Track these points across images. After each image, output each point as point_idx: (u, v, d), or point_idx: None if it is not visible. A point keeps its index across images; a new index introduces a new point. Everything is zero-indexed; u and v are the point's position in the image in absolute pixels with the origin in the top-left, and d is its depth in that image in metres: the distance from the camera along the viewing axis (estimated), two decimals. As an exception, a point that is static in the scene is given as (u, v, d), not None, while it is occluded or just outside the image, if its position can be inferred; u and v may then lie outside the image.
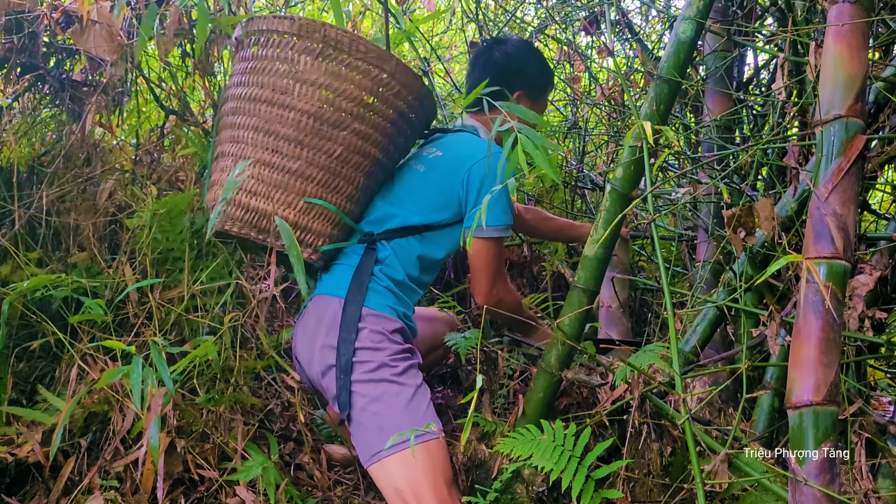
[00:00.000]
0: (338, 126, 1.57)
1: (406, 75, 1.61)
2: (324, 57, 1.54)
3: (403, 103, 1.63)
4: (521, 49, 1.86)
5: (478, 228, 1.64)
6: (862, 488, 1.39)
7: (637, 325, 2.62)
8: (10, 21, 1.89)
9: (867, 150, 1.53)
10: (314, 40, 1.54)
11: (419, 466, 1.46)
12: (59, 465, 1.56)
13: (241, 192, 1.58)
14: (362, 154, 1.61)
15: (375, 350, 1.57)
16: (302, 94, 1.54)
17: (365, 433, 1.52)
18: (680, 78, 1.57)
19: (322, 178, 1.58)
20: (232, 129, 1.62)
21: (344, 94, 1.55)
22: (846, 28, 1.26)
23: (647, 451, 1.64)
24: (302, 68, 1.54)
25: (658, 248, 1.38)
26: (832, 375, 1.14)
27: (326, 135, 1.56)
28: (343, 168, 1.60)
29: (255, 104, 1.58)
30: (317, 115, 1.55)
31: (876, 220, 2.50)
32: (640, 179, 1.60)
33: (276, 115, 1.56)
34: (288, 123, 1.55)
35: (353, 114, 1.57)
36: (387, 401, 1.52)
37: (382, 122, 1.62)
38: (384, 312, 1.61)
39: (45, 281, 1.60)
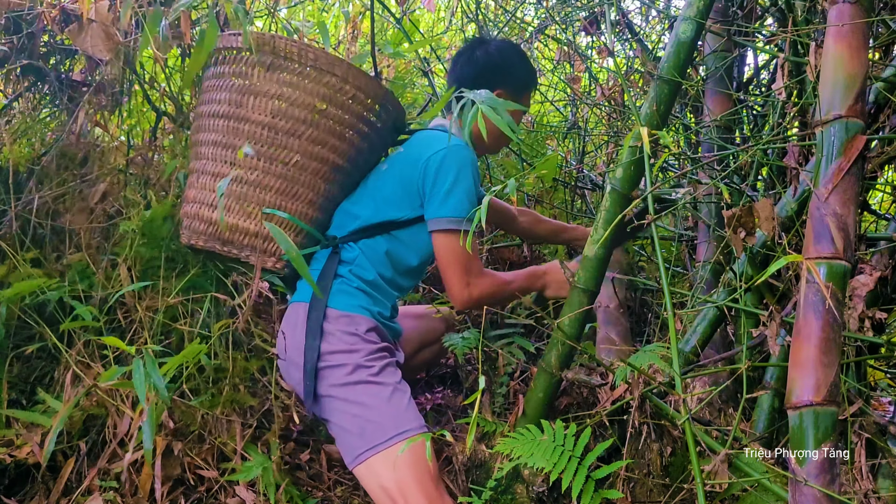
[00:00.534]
0: (292, 134, 1.59)
1: (360, 79, 1.63)
2: (275, 68, 1.58)
3: (360, 107, 1.65)
4: (503, 48, 1.85)
5: (436, 220, 1.61)
6: (862, 488, 1.39)
7: (637, 325, 2.62)
8: (9, 21, 1.89)
9: (867, 150, 1.53)
10: (265, 53, 1.58)
11: (404, 464, 1.47)
12: (58, 466, 1.56)
13: (203, 206, 1.63)
14: (320, 160, 1.63)
15: (349, 352, 1.56)
16: (256, 106, 1.58)
17: (347, 436, 1.52)
18: (680, 78, 1.57)
19: (280, 187, 1.61)
20: (196, 146, 1.68)
21: (296, 102, 1.58)
22: (846, 28, 1.26)
23: (647, 451, 1.63)
24: (255, 81, 1.58)
25: (658, 249, 1.38)
26: (832, 375, 1.14)
27: (282, 143, 1.59)
28: (301, 175, 1.62)
29: (214, 120, 1.63)
30: (270, 126, 1.58)
31: (876, 221, 2.50)
32: (639, 180, 1.60)
33: (233, 129, 1.60)
34: (243, 135, 1.59)
35: (307, 121, 1.59)
36: (366, 402, 1.52)
37: (339, 127, 1.63)
38: (356, 313, 1.61)
39: (33, 286, 1.60)
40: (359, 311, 1.62)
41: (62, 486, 1.52)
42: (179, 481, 1.60)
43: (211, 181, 1.63)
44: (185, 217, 1.68)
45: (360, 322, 1.61)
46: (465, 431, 1.94)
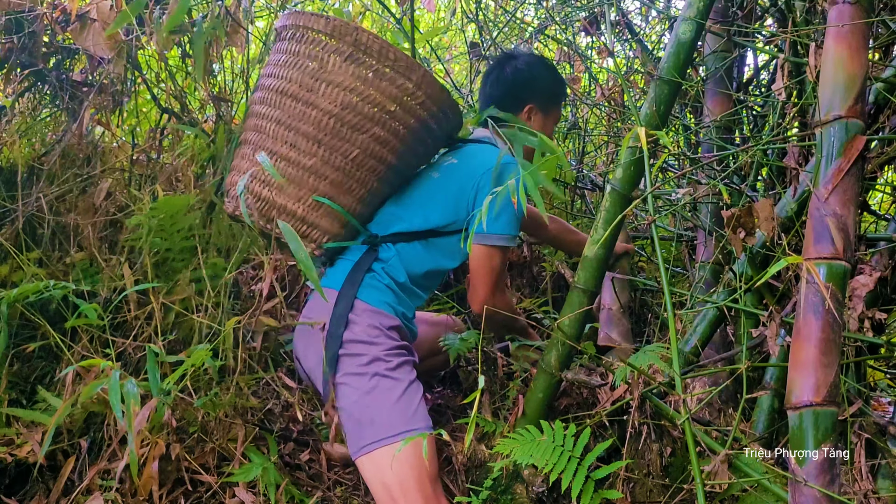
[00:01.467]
0: (357, 129, 1.59)
1: (433, 87, 1.63)
2: (352, 60, 1.56)
3: (426, 113, 1.65)
4: (532, 63, 1.88)
5: (484, 235, 1.64)
6: (862, 489, 1.39)
7: (637, 325, 2.62)
8: (9, 21, 1.89)
9: (867, 150, 1.53)
10: (346, 43, 1.56)
11: (407, 461, 1.48)
12: (59, 465, 1.56)
13: (255, 181, 1.62)
14: (378, 159, 1.63)
15: (370, 344, 1.58)
16: (326, 93, 1.57)
17: (355, 425, 1.53)
18: (680, 79, 1.57)
19: (335, 178, 1.60)
20: (257, 119, 1.65)
21: (367, 98, 1.57)
22: (846, 29, 1.26)
23: (647, 451, 1.64)
24: (330, 69, 1.56)
25: (658, 249, 1.38)
26: (832, 376, 1.14)
27: (345, 136, 1.58)
28: (357, 171, 1.62)
29: (281, 97, 1.60)
30: (338, 117, 1.57)
31: (876, 221, 2.50)
32: (639, 180, 1.60)
33: (299, 112, 1.59)
34: (309, 121, 1.58)
35: (374, 119, 1.59)
36: (378, 394, 1.53)
37: (402, 129, 1.63)
38: (381, 308, 1.63)
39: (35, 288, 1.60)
40: (385, 307, 1.64)
41: (62, 485, 1.52)
42: (180, 481, 1.60)
43: (255, 153, 1.62)
44: (233, 187, 1.66)
45: (385, 318, 1.62)
46: (465, 431, 1.94)
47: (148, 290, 1.73)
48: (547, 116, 1.89)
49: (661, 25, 3.15)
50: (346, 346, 1.58)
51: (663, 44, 3.05)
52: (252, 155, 1.64)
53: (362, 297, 1.63)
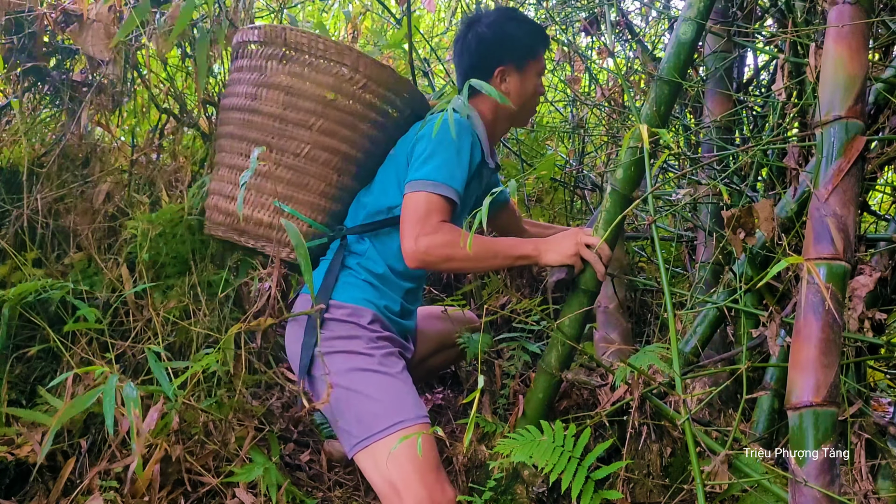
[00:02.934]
0: (301, 125, 1.61)
1: (371, 68, 1.63)
2: (286, 60, 1.60)
3: (373, 96, 1.65)
4: (495, 22, 1.75)
5: (410, 183, 1.55)
6: (862, 489, 1.39)
7: (637, 325, 2.62)
8: (9, 21, 1.89)
9: (867, 151, 1.53)
10: (276, 45, 1.60)
11: (404, 453, 1.45)
12: (59, 465, 1.56)
13: (221, 197, 1.67)
14: (330, 150, 1.64)
15: (348, 339, 1.57)
16: (268, 97, 1.61)
17: (345, 424, 1.52)
18: (680, 79, 1.57)
19: (291, 178, 1.63)
20: (218, 139, 1.72)
21: (304, 93, 1.60)
22: (846, 29, 1.26)
23: (647, 451, 1.64)
24: (269, 73, 1.61)
25: (658, 249, 1.38)
26: (832, 376, 1.14)
27: (291, 135, 1.61)
28: (312, 166, 1.63)
29: (232, 112, 1.67)
30: (281, 117, 1.60)
31: (876, 222, 2.50)
32: (640, 180, 1.60)
33: (247, 121, 1.64)
34: (256, 128, 1.62)
35: (317, 112, 1.60)
36: (364, 390, 1.52)
37: (349, 117, 1.63)
38: (358, 305, 1.61)
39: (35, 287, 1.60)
40: (363, 303, 1.62)
41: (62, 485, 1.52)
42: (180, 482, 1.60)
43: (227, 173, 1.67)
44: (207, 208, 1.72)
45: (363, 314, 1.61)
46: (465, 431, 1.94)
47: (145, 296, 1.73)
48: (524, 72, 1.76)
49: (661, 25, 3.15)
50: (325, 344, 1.56)
51: (663, 44, 3.05)
52: (216, 174, 1.70)
53: (337, 297, 1.61)
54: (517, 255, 1.58)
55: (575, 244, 1.56)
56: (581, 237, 1.56)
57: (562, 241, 1.58)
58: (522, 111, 1.81)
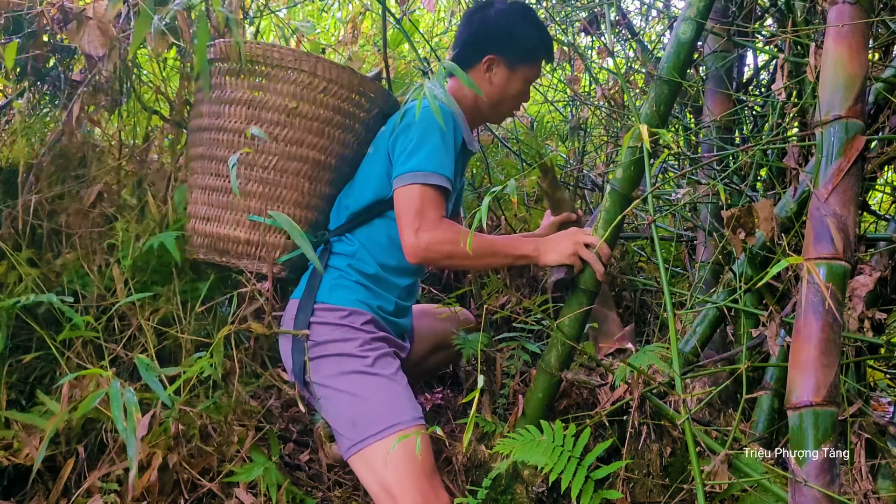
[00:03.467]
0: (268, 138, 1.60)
1: (331, 71, 1.60)
2: (244, 74, 1.60)
3: (336, 99, 1.62)
4: (507, 12, 1.71)
5: (399, 178, 1.53)
6: (862, 489, 1.39)
7: (637, 325, 2.62)
8: (8, 20, 1.89)
9: (867, 150, 1.53)
10: (233, 60, 1.60)
11: (398, 457, 1.44)
12: (58, 467, 1.56)
13: (197, 219, 1.67)
14: (299, 159, 1.62)
15: (342, 342, 1.55)
16: (230, 114, 1.60)
17: (341, 427, 1.52)
18: (680, 79, 1.57)
19: (263, 192, 1.61)
20: (190, 162, 1.72)
21: (266, 105, 1.59)
22: (846, 29, 1.26)
23: (647, 451, 1.64)
24: (228, 90, 1.61)
25: (658, 249, 1.38)
26: (832, 376, 1.14)
27: (259, 148, 1.59)
28: (282, 177, 1.61)
29: (199, 133, 1.66)
30: (244, 132, 1.59)
31: (876, 221, 2.50)
32: (640, 180, 1.60)
33: (213, 140, 1.63)
34: (223, 145, 1.61)
35: (280, 122, 1.59)
36: (358, 392, 1.51)
37: (315, 123, 1.61)
38: (350, 306, 1.59)
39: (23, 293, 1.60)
40: (356, 304, 1.60)
41: (61, 486, 1.52)
42: (180, 483, 1.60)
43: (200, 194, 1.66)
44: (187, 232, 1.71)
45: (357, 315, 1.59)
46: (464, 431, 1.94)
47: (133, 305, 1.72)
48: (513, 72, 1.71)
49: (661, 25, 3.15)
50: (318, 348, 1.55)
51: (663, 44, 3.05)
52: (190, 197, 1.69)
53: (328, 300, 1.59)
54: (517, 254, 1.57)
55: (573, 244, 1.55)
56: (580, 237, 1.56)
57: (561, 241, 1.57)
58: (497, 108, 1.76)
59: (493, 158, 3.11)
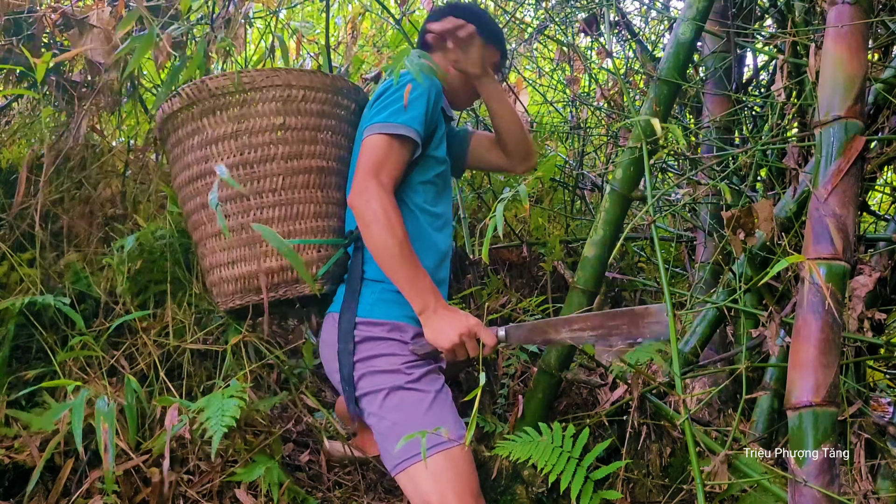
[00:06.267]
0: (266, 160, 1.56)
1: (303, 79, 1.58)
2: (220, 108, 1.56)
3: (316, 104, 1.60)
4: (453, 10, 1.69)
5: (366, 128, 1.50)
6: (861, 489, 1.39)
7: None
8: (9, 21, 1.89)
9: (866, 151, 1.53)
10: (202, 99, 1.56)
11: (444, 476, 1.39)
12: (58, 467, 1.56)
13: (221, 268, 1.60)
14: (304, 171, 1.58)
15: (390, 356, 1.50)
16: (219, 153, 1.56)
17: (386, 443, 1.47)
18: (679, 79, 1.57)
19: (279, 215, 1.57)
20: (189, 218, 1.66)
21: (254, 129, 1.55)
22: (846, 29, 1.26)
23: (647, 451, 1.64)
24: (209, 131, 1.56)
25: (658, 249, 1.38)
26: (832, 376, 1.14)
27: (260, 174, 1.56)
28: (293, 193, 1.57)
29: (192, 185, 1.60)
30: (242, 163, 1.55)
31: (875, 222, 2.50)
32: (639, 180, 1.60)
33: (209, 185, 1.56)
34: (220, 186, 1.53)
35: (273, 141, 1.56)
36: (405, 409, 1.45)
37: (306, 132, 1.59)
38: (399, 321, 1.53)
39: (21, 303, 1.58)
40: (403, 319, 1.53)
41: (61, 486, 1.52)
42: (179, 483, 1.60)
43: (216, 242, 1.61)
44: (213, 286, 1.66)
45: (405, 329, 1.53)
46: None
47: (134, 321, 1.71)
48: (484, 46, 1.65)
49: (661, 26, 3.15)
50: (363, 365, 1.50)
51: (663, 44, 3.05)
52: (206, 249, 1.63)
53: (368, 315, 1.52)
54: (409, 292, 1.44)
55: (459, 335, 1.42)
56: (474, 329, 1.43)
57: (452, 323, 1.44)
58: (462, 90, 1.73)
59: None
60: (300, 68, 1.64)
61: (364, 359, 1.51)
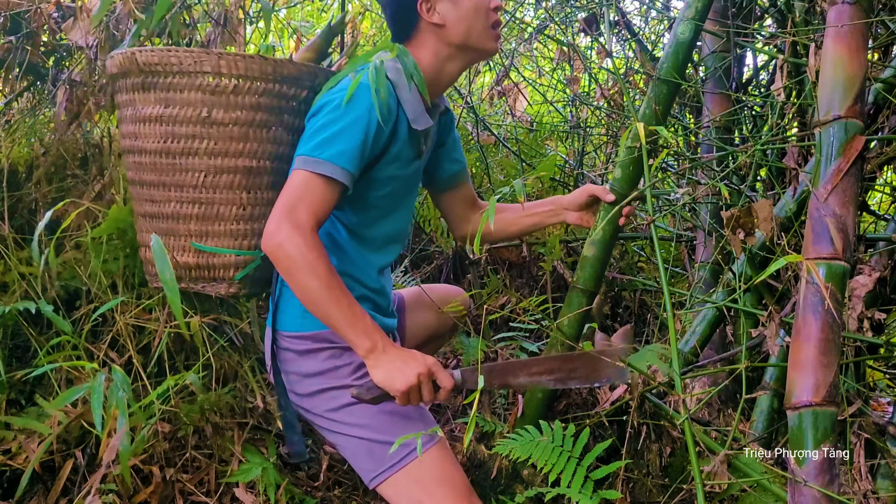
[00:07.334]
0: (189, 154, 1.42)
1: (238, 65, 1.40)
2: (148, 87, 1.42)
3: (251, 95, 1.42)
4: None
5: (295, 159, 1.34)
6: (861, 489, 1.39)
7: (637, 325, 2.62)
8: (7, 19, 1.89)
9: (866, 151, 1.53)
10: (133, 73, 1.43)
11: (430, 477, 1.35)
12: (58, 467, 1.56)
13: (145, 248, 1.53)
14: (228, 171, 1.43)
15: (332, 371, 1.41)
16: (146, 134, 1.44)
17: (357, 460, 1.41)
18: (679, 78, 1.57)
19: (199, 213, 1.45)
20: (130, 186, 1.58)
21: (178, 119, 1.41)
22: (845, 29, 1.26)
23: (647, 451, 1.64)
24: (139, 107, 1.43)
25: (658, 249, 1.38)
26: (831, 376, 1.14)
27: (183, 167, 1.43)
28: (215, 193, 1.44)
29: (126, 156, 1.52)
30: (164, 151, 1.43)
31: (875, 221, 2.50)
32: (638, 180, 1.60)
33: (138, 164, 1.47)
34: (147, 169, 1.46)
35: (197, 135, 1.41)
36: (366, 423, 1.37)
37: (235, 127, 1.42)
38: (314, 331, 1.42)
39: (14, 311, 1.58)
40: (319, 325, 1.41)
41: (60, 487, 1.52)
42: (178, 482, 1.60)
43: (144, 222, 1.52)
44: (143, 260, 1.59)
45: (335, 338, 1.41)
46: (464, 431, 1.94)
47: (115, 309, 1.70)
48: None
49: (661, 25, 3.15)
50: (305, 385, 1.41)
51: (662, 44, 3.05)
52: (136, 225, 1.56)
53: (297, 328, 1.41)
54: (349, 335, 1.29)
55: (418, 375, 1.28)
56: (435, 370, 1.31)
57: (409, 363, 1.29)
58: (472, 35, 1.43)
59: (493, 158, 3.11)
60: (237, 52, 1.49)
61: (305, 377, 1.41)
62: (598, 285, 1.62)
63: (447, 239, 2.73)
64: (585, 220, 1.65)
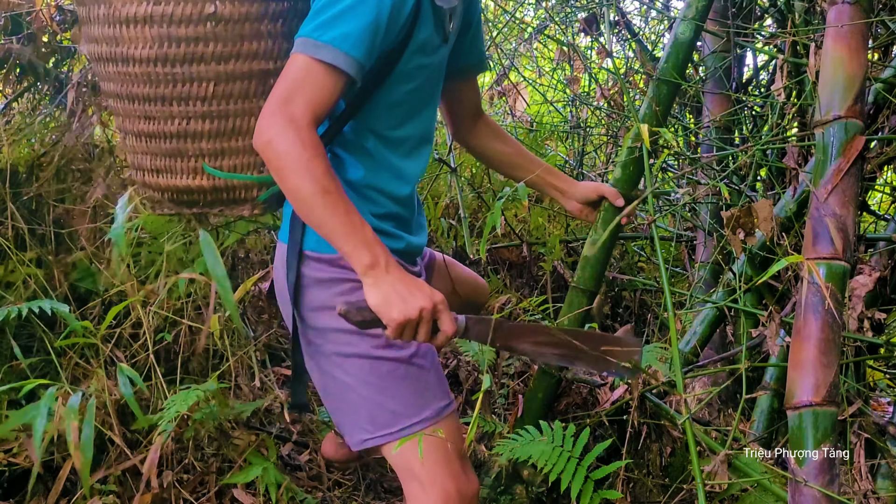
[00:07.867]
0: (192, 61, 1.20)
1: None
2: None
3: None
4: None
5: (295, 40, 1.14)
6: (861, 489, 1.39)
7: (637, 325, 2.62)
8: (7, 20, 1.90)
9: (866, 150, 1.53)
10: None
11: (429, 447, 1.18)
12: (58, 467, 1.56)
13: (146, 172, 1.31)
14: (242, 77, 1.23)
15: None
16: (133, 38, 1.19)
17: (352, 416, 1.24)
18: (679, 78, 1.57)
19: (211, 128, 1.24)
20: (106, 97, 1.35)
21: (175, 18, 1.18)
22: (845, 29, 1.26)
23: (647, 451, 1.64)
24: (117, 5, 1.18)
25: (658, 249, 1.38)
26: (831, 376, 1.14)
27: (186, 76, 1.21)
28: (229, 104, 1.24)
29: (104, 65, 1.26)
30: (161, 59, 1.19)
31: (875, 221, 2.51)
32: (639, 180, 1.60)
33: (123, 74, 1.23)
34: (138, 81, 1.22)
35: (202, 36, 1.19)
36: (372, 381, 1.21)
37: (247, 24, 1.21)
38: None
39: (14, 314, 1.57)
40: None
41: (60, 487, 1.52)
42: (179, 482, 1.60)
43: (137, 142, 1.29)
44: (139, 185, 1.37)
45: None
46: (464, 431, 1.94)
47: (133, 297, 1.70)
48: None
49: (661, 25, 3.16)
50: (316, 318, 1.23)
51: (663, 44, 3.05)
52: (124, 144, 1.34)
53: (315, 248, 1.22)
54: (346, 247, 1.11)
55: (420, 309, 1.09)
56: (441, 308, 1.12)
57: (413, 292, 1.10)
58: None
59: (493, 158, 3.11)
60: None
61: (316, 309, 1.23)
62: (598, 285, 1.62)
63: (447, 239, 2.73)
64: (586, 215, 1.60)
